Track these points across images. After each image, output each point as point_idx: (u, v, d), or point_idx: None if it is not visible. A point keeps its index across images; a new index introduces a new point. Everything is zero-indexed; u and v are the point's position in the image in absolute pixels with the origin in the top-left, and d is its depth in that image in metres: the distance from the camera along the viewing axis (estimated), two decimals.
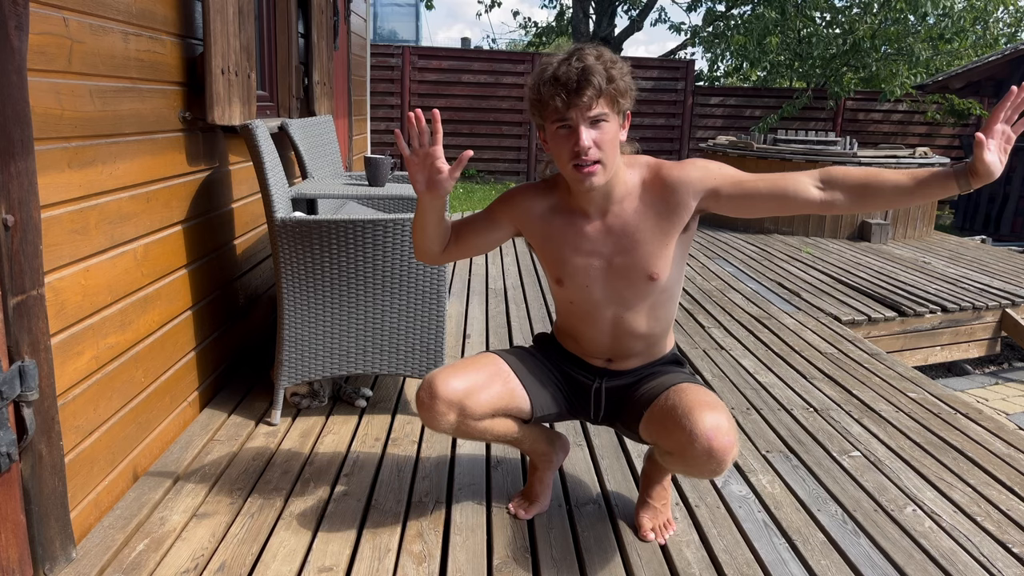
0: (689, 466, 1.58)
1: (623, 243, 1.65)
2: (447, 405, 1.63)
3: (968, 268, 5.77)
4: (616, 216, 1.65)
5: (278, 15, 3.56)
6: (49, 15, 1.58)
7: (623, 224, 1.65)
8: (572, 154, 1.53)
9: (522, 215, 1.72)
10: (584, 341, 1.80)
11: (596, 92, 1.49)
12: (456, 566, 1.73)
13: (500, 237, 1.78)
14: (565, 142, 1.54)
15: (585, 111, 1.50)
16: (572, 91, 1.48)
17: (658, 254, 1.65)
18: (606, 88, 1.50)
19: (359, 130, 6.10)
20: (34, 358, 1.50)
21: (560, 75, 1.49)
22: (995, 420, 2.76)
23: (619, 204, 1.64)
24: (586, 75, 1.48)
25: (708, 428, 1.50)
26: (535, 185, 1.75)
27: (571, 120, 1.51)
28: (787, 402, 2.83)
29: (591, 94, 1.48)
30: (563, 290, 1.74)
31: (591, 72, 1.48)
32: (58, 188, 1.63)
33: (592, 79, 1.48)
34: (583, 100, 1.48)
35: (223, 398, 2.61)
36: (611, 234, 1.66)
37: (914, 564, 1.81)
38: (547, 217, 1.70)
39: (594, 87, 1.48)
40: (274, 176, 2.36)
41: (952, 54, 11.60)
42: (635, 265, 1.66)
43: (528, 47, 15.64)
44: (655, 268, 1.66)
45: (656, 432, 1.64)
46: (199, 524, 1.86)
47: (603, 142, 1.53)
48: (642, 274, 1.66)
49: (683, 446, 1.53)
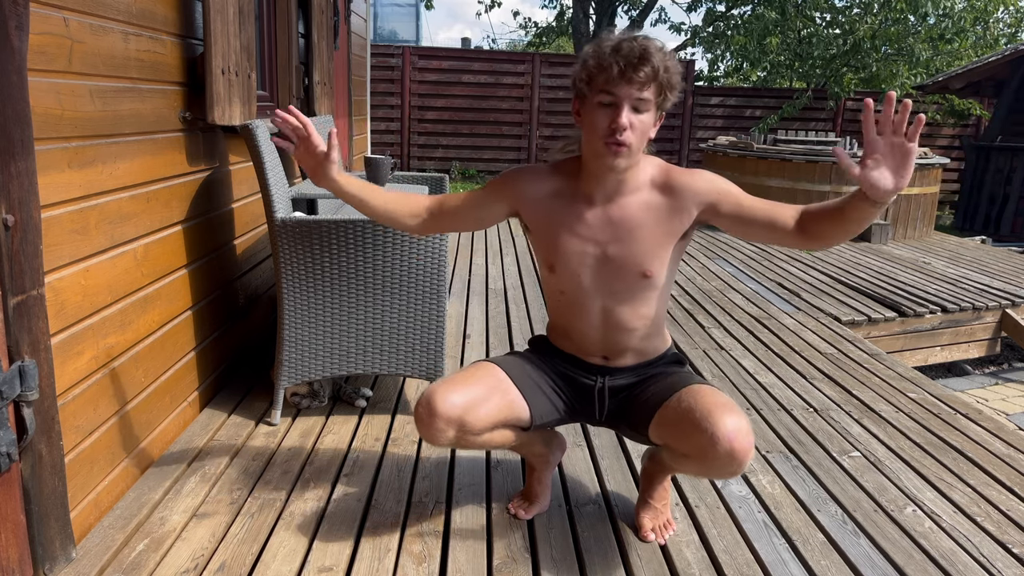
0: (708, 468, 1.57)
1: (620, 234, 1.65)
2: (446, 422, 1.61)
3: (968, 268, 5.77)
4: (620, 207, 1.65)
5: (278, 15, 3.56)
6: (49, 15, 1.58)
7: (625, 215, 1.65)
8: (608, 130, 1.54)
9: (522, 194, 1.72)
10: (576, 336, 1.79)
11: (652, 73, 1.50)
12: (456, 566, 1.73)
13: (493, 215, 1.76)
14: (604, 116, 1.54)
15: (636, 89, 1.51)
16: (631, 64, 1.49)
17: (654, 253, 1.66)
18: (661, 75, 1.52)
19: (359, 130, 6.10)
20: (34, 358, 1.50)
21: (623, 48, 1.50)
22: (995, 420, 2.76)
23: (626, 196, 1.65)
24: (647, 55, 1.50)
25: (730, 430, 1.50)
26: (540, 167, 1.75)
27: (618, 95, 1.52)
28: (787, 402, 2.83)
29: (647, 72, 1.50)
30: (554, 277, 1.73)
31: (652, 54, 1.50)
32: (58, 188, 1.63)
33: (652, 60, 1.50)
34: (639, 76, 1.50)
35: (223, 398, 2.61)
36: (611, 223, 1.66)
37: (914, 564, 1.81)
38: (548, 199, 1.70)
39: (652, 67, 1.50)
40: (274, 176, 2.36)
41: (952, 54, 11.60)
42: (630, 259, 1.66)
43: (528, 47, 15.66)
44: (649, 266, 1.66)
45: (671, 435, 1.64)
46: (199, 524, 1.86)
47: (638, 128, 1.55)
48: (636, 270, 1.66)
49: (703, 449, 1.53)
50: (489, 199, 1.75)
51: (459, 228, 1.81)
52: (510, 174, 1.74)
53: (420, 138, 10.85)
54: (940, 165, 7.06)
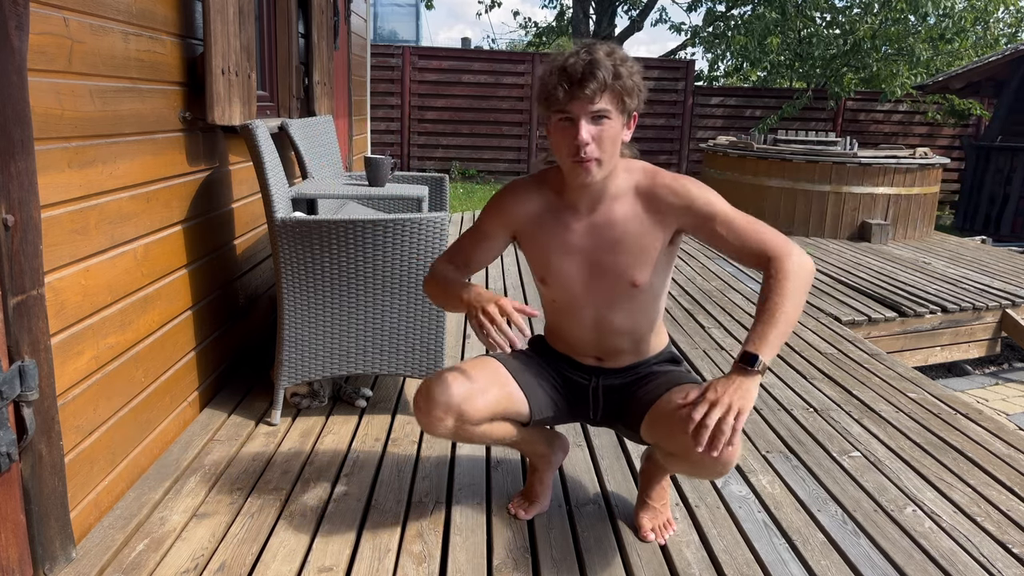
0: (694, 468, 1.57)
1: (606, 243, 1.65)
2: (444, 410, 1.62)
3: (968, 268, 5.76)
4: (604, 214, 1.64)
5: (278, 15, 3.56)
6: (49, 15, 1.58)
7: (609, 223, 1.64)
8: (571, 148, 1.52)
9: (514, 221, 1.72)
10: (570, 339, 1.81)
11: (600, 86, 1.48)
12: (456, 566, 1.73)
13: (501, 246, 1.78)
14: (565, 135, 1.53)
15: (587, 104, 1.49)
16: (575, 82, 1.47)
17: (641, 262, 1.65)
18: (611, 83, 1.49)
19: (359, 130, 6.10)
20: (34, 358, 1.50)
21: (568, 66, 1.49)
22: (995, 420, 2.76)
23: (609, 204, 1.64)
24: (592, 68, 1.47)
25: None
26: (525, 183, 1.74)
27: (572, 113, 1.50)
28: (787, 402, 2.83)
29: (594, 87, 1.48)
30: (547, 288, 1.76)
31: (597, 65, 1.47)
32: (58, 188, 1.63)
33: (597, 72, 1.47)
34: (585, 93, 1.48)
35: (223, 398, 2.61)
36: (596, 231, 1.65)
37: (914, 564, 1.81)
38: (538, 218, 1.70)
39: (598, 80, 1.47)
40: (274, 176, 2.36)
41: (952, 54, 11.59)
42: (617, 269, 1.66)
43: (528, 47, 15.65)
44: (637, 276, 1.66)
45: (660, 434, 1.64)
46: (199, 524, 1.86)
47: (603, 139, 1.52)
48: (624, 280, 1.67)
49: (688, 449, 1.52)
50: (494, 235, 1.76)
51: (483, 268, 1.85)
52: (502, 199, 1.74)
53: (420, 138, 10.85)
54: (940, 165, 7.06)
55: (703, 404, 1.41)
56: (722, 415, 1.39)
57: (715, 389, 1.43)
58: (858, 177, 6.70)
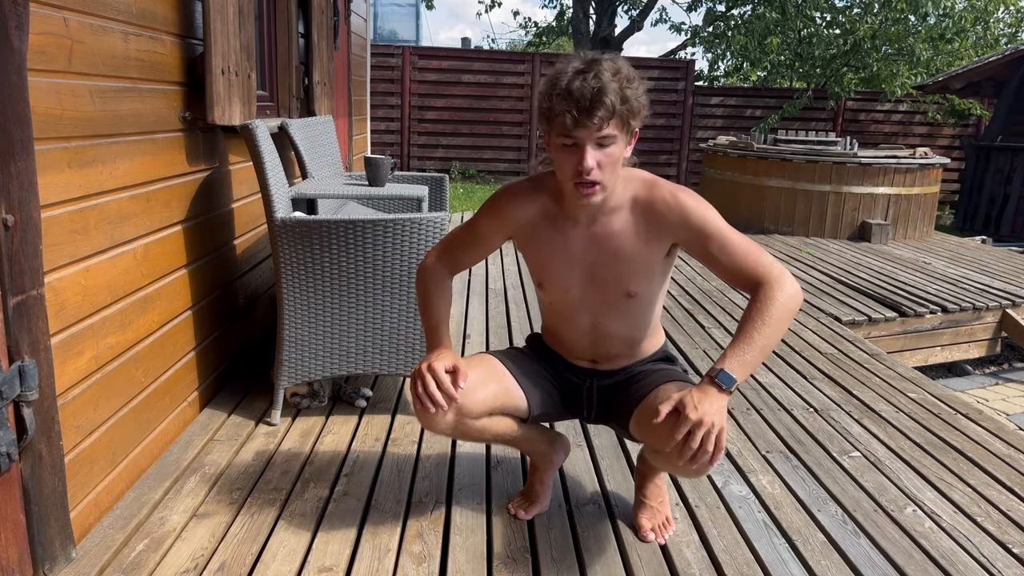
0: (679, 470, 1.57)
1: (605, 255, 1.65)
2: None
3: (968, 268, 5.76)
4: (602, 226, 1.63)
5: (278, 15, 3.56)
6: (49, 15, 1.58)
7: (607, 234, 1.63)
8: (574, 172, 1.50)
9: (515, 222, 1.71)
10: (566, 342, 1.82)
11: (608, 114, 1.44)
12: (456, 566, 1.73)
13: (495, 245, 1.78)
14: (569, 158, 1.50)
15: (594, 132, 1.46)
16: (584, 110, 1.43)
17: (638, 273, 1.65)
18: (619, 109, 1.45)
19: (359, 130, 6.10)
20: (34, 358, 1.50)
21: (574, 90, 1.43)
22: (995, 420, 2.76)
23: (608, 216, 1.63)
24: (600, 96, 1.42)
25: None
26: (522, 188, 1.71)
27: (578, 138, 1.47)
28: (787, 402, 2.83)
29: (603, 115, 1.43)
30: (544, 293, 1.77)
31: (605, 92, 1.42)
32: (58, 188, 1.63)
33: (606, 100, 1.42)
34: (593, 122, 1.44)
35: (223, 398, 2.61)
36: (595, 243, 1.65)
37: (914, 564, 1.81)
38: (535, 225, 1.69)
39: (607, 108, 1.43)
40: (274, 176, 2.36)
41: (953, 54, 11.59)
42: (614, 280, 1.66)
43: (528, 47, 15.65)
44: (633, 286, 1.66)
45: (645, 431, 1.64)
46: (199, 524, 1.86)
47: (606, 164, 1.50)
48: (620, 290, 1.67)
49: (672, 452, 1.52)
50: (489, 235, 1.75)
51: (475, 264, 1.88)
52: (499, 203, 1.72)
53: (420, 138, 10.85)
54: (940, 165, 7.06)
55: (684, 424, 1.42)
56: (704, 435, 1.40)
57: (694, 407, 1.43)
58: (858, 177, 6.70)
